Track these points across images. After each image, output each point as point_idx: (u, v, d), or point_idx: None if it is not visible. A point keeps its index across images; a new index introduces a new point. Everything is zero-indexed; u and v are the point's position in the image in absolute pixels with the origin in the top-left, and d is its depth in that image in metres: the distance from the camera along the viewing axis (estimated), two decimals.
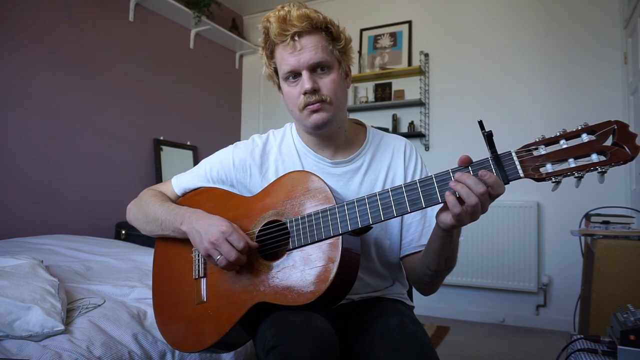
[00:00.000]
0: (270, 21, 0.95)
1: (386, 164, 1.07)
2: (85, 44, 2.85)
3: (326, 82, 0.96)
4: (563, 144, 0.70)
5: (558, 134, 0.71)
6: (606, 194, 2.74)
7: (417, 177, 1.04)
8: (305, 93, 0.94)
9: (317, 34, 0.95)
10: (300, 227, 0.89)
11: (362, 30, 3.70)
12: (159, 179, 3.27)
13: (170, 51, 3.53)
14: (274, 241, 0.94)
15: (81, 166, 2.82)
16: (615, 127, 0.67)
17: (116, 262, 1.78)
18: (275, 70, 1.02)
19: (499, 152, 0.73)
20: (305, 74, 0.94)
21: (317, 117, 0.96)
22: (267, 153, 1.09)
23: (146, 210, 1.06)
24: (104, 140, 2.97)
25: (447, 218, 0.79)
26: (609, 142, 0.68)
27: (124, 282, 1.48)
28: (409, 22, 3.56)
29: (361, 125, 1.14)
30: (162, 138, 3.41)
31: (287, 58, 0.95)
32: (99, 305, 1.20)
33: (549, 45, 3.08)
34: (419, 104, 3.39)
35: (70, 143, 2.76)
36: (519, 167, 0.72)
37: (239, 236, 0.89)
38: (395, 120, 3.47)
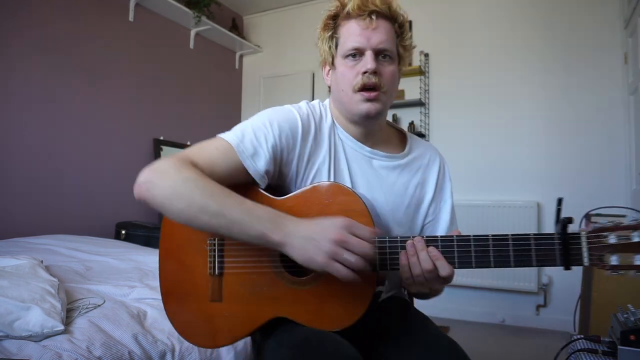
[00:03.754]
0: None
1: (421, 170, 1.03)
2: (85, 44, 2.85)
3: (387, 71, 0.92)
4: (635, 237, 0.65)
5: (633, 222, 0.66)
6: (606, 194, 2.74)
7: (444, 199, 1.03)
8: (365, 73, 0.89)
9: (391, 23, 0.93)
10: None
11: None
12: None
13: (170, 51, 3.53)
14: None
15: (81, 166, 2.81)
16: None
17: (116, 262, 1.78)
18: (335, 46, 0.95)
19: (568, 232, 0.69)
20: (369, 54, 0.89)
21: (370, 107, 0.90)
22: (322, 130, 0.96)
23: (202, 196, 0.79)
24: (104, 140, 2.97)
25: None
26: None
27: (124, 282, 1.48)
28: (409, 22, 3.55)
29: (397, 129, 1.09)
30: (162, 138, 3.41)
31: (357, 34, 0.90)
32: (99, 306, 1.20)
33: (549, 45, 3.07)
34: (419, 104, 3.39)
35: (70, 143, 2.75)
36: (586, 255, 0.68)
37: (362, 225, 0.76)
38: (395, 120, 3.47)
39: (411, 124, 3.41)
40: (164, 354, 1.11)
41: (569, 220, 0.68)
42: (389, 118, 3.54)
